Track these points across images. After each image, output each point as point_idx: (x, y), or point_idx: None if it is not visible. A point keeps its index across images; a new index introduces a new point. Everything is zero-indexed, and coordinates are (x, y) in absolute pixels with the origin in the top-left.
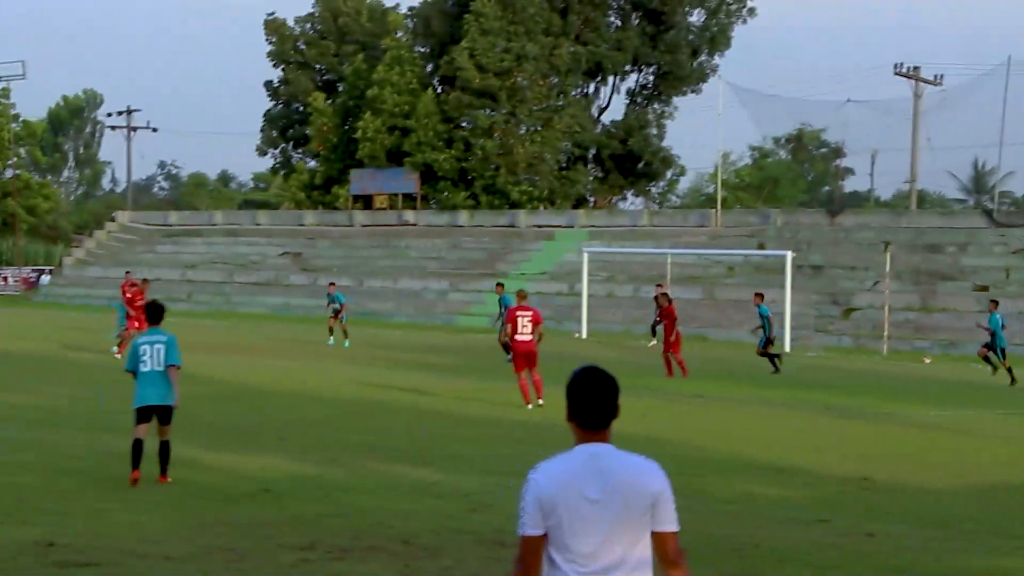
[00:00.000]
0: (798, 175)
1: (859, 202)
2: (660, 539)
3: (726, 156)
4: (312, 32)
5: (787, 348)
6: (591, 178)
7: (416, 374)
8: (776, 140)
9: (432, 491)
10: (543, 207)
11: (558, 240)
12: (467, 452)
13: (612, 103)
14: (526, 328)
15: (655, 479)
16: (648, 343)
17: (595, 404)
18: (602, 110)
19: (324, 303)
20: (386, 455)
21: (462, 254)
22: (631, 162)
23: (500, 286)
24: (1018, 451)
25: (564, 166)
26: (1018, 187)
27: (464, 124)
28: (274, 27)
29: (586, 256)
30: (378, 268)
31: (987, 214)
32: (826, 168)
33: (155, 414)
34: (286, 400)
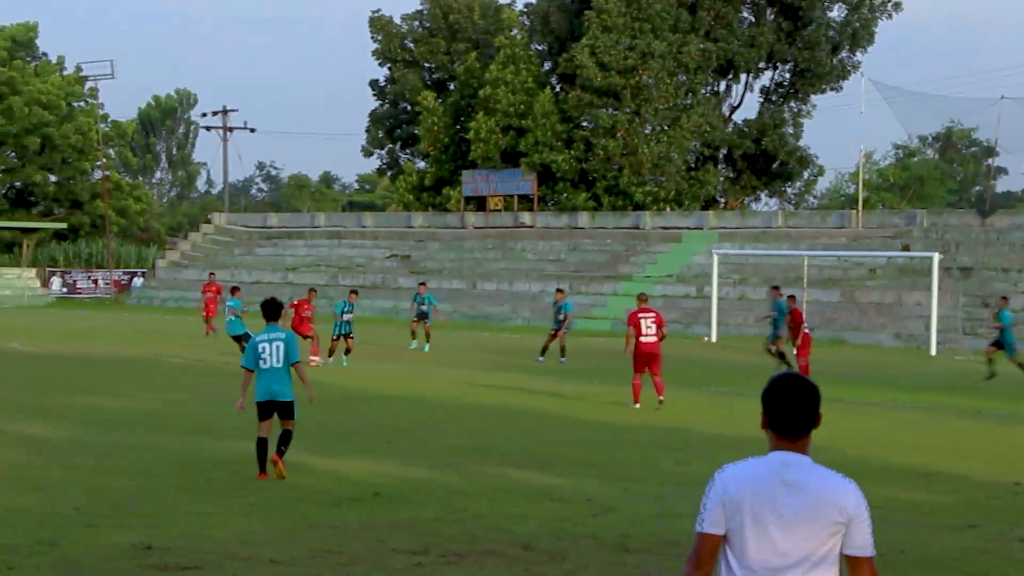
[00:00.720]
0: (946, 174)
1: (1012, 203)
2: (855, 564)
3: (868, 155)
4: (421, 29)
5: (933, 352)
6: (722, 179)
7: (533, 377)
8: (923, 139)
9: (551, 495)
10: (670, 208)
11: (686, 242)
12: (587, 456)
13: (745, 101)
14: (650, 329)
15: (850, 498)
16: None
17: (793, 412)
18: (734, 109)
19: (412, 304)
20: (501, 458)
21: (582, 256)
22: (765, 162)
23: (561, 292)
24: None
25: (692, 167)
26: None
27: (585, 124)
28: (380, 24)
29: (716, 258)
30: (492, 271)
31: None
32: (976, 167)
33: (276, 410)
34: (394, 403)
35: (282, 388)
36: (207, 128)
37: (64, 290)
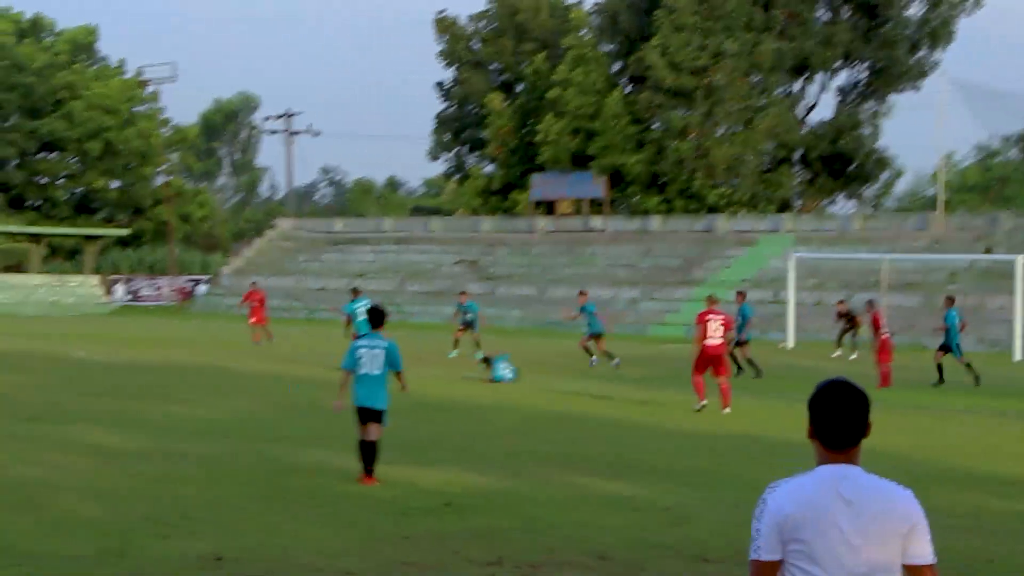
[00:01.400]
0: None
1: None
2: (916, 573)
3: (949, 156)
4: (487, 30)
5: (1017, 356)
6: (797, 181)
7: (605, 384)
8: (1006, 139)
9: (628, 504)
10: (744, 212)
11: (761, 246)
12: (664, 464)
13: (820, 102)
14: (717, 332)
15: (910, 507)
16: (833, 353)
17: (842, 421)
18: (809, 109)
19: (456, 312)
20: (576, 467)
21: (655, 261)
22: (842, 164)
23: (583, 295)
24: None
25: (767, 169)
26: None
27: (656, 125)
28: (445, 26)
29: (792, 262)
30: (562, 276)
31: None
32: None
33: (371, 417)
34: (465, 411)
35: (377, 396)
36: (270, 132)
37: (128, 298)
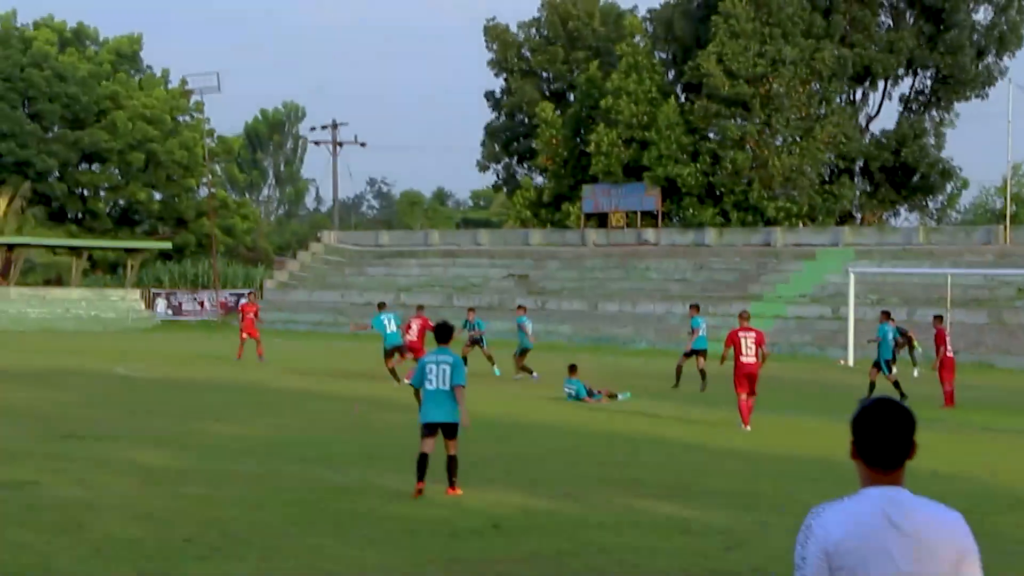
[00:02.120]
0: None
1: None
2: None
3: (1017, 167)
4: (538, 38)
5: None
6: (858, 192)
7: (660, 403)
8: None
9: (682, 527)
10: (802, 224)
11: (820, 260)
12: (720, 486)
13: (882, 110)
14: (750, 349)
15: (962, 533)
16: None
17: (888, 441)
18: (871, 118)
19: (462, 330)
20: (628, 488)
21: (710, 275)
22: (904, 175)
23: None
24: None
25: (827, 180)
26: None
27: (711, 135)
28: (495, 33)
29: (853, 277)
30: (615, 291)
31: None
32: None
33: (440, 430)
34: (514, 431)
35: (446, 410)
36: (316, 143)
37: (169, 312)
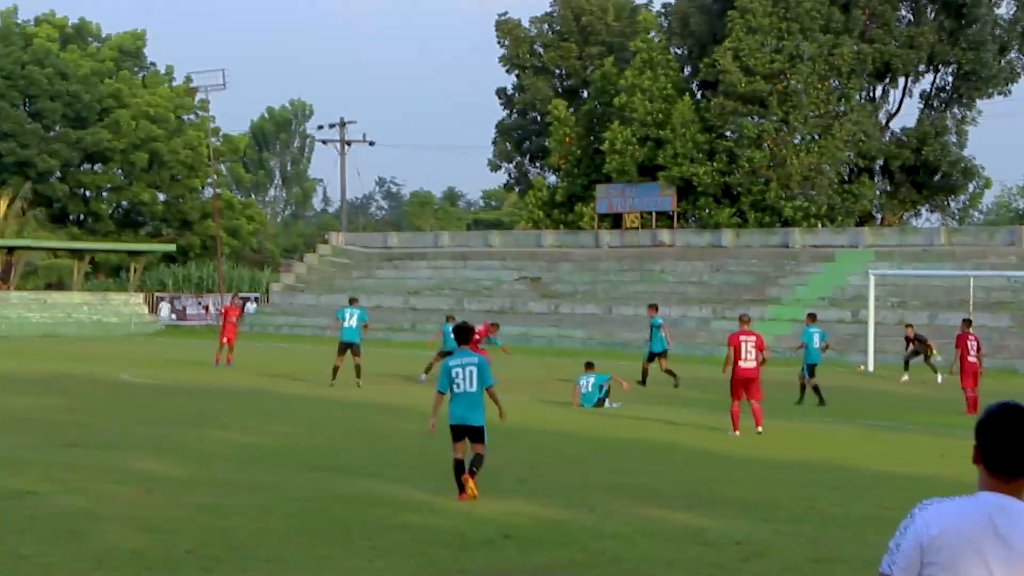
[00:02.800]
0: None
1: None
2: None
3: None
4: (551, 34)
5: None
6: (878, 192)
7: (674, 409)
8: None
9: (697, 538)
10: (821, 225)
11: (839, 262)
12: (736, 495)
13: (903, 108)
14: (750, 354)
15: None
16: (901, 377)
17: (1012, 447)
18: (891, 116)
19: (431, 333)
20: (643, 497)
21: (727, 278)
22: (926, 174)
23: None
24: None
25: (846, 179)
26: None
27: (728, 133)
28: (507, 29)
29: (873, 279)
30: (629, 294)
31: None
32: None
33: (467, 434)
34: (526, 437)
35: (474, 412)
36: (323, 142)
37: (173, 316)
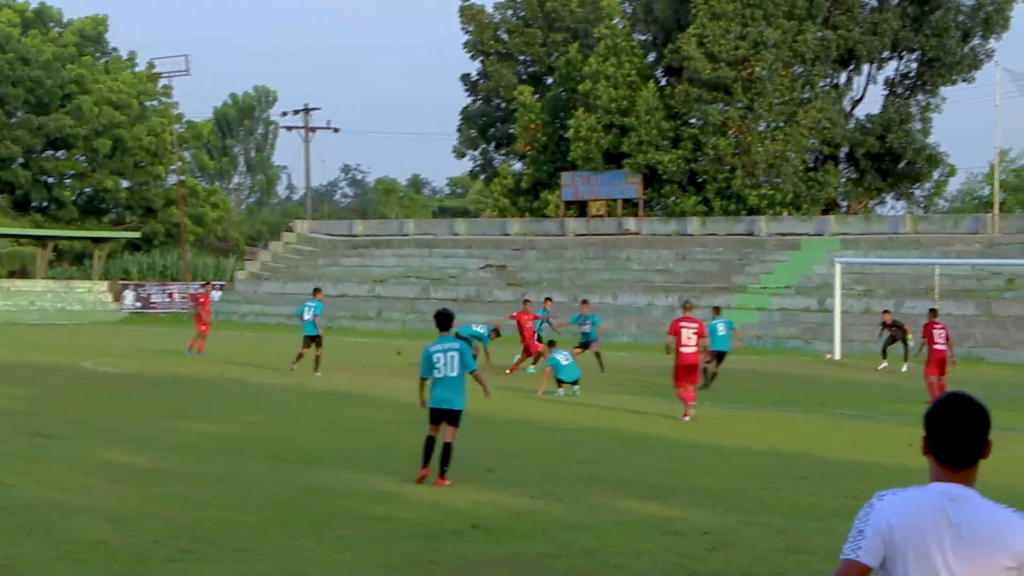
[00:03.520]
0: None
1: None
2: None
3: (1004, 153)
4: (515, 20)
5: None
6: (843, 180)
7: (643, 399)
8: None
9: (666, 528)
10: (787, 213)
11: (805, 250)
12: (704, 485)
13: (867, 95)
14: (690, 340)
15: (1022, 539)
16: (879, 366)
17: (958, 438)
18: (855, 103)
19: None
20: (612, 488)
21: (692, 266)
22: (891, 161)
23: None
24: None
25: (811, 167)
26: None
27: (693, 120)
28: (471, 15)
29: (838, 267)
30: (595, 282)
31: None
32: None
33: (445, 417)
34: (495, 427)
35: (457, 396)
36: (287, 128)
37: (137, 304)
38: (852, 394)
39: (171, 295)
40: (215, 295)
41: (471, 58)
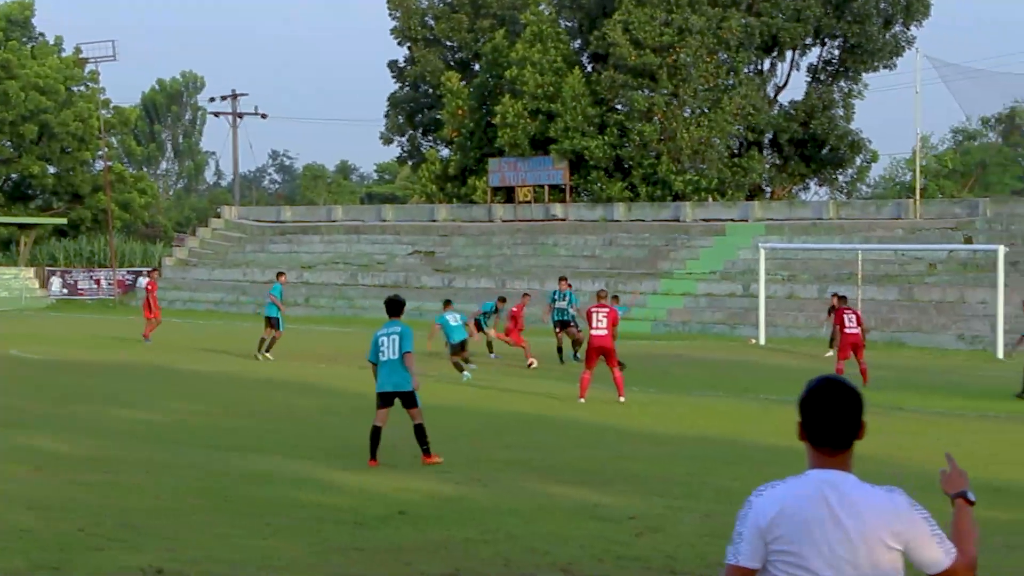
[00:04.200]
0: (1010, 160)
1: None
2: None
3: (925, 139)
4: (442, 5)
5: (1000, 354)
6: (767, 166)
7: (571, 385)
8: (984, 120)
9: (592, 513)
10: (712, 199)
11: (730, 235)
12: (631, 470)
13: (791, 81)
14: (601, 323)
15: (902, 513)
16: (826, 354)
17: (833, 422)
18: (779, 89)
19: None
20: (538, 474)
21: (619, 251)
22: (814, 147)
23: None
24: None
25: (735, 153)
26: None
27: (619, 107)
28: (398, 1)
29: (763, 253)
30: (522, 268)
31: None
32: None
33: (398, 399)
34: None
35: (401, 379)
36: (215, 114)
37: (64, 291)
38: (778, 379)
39: (98, 282)
40: (142, 281)
41: (398, 44)
